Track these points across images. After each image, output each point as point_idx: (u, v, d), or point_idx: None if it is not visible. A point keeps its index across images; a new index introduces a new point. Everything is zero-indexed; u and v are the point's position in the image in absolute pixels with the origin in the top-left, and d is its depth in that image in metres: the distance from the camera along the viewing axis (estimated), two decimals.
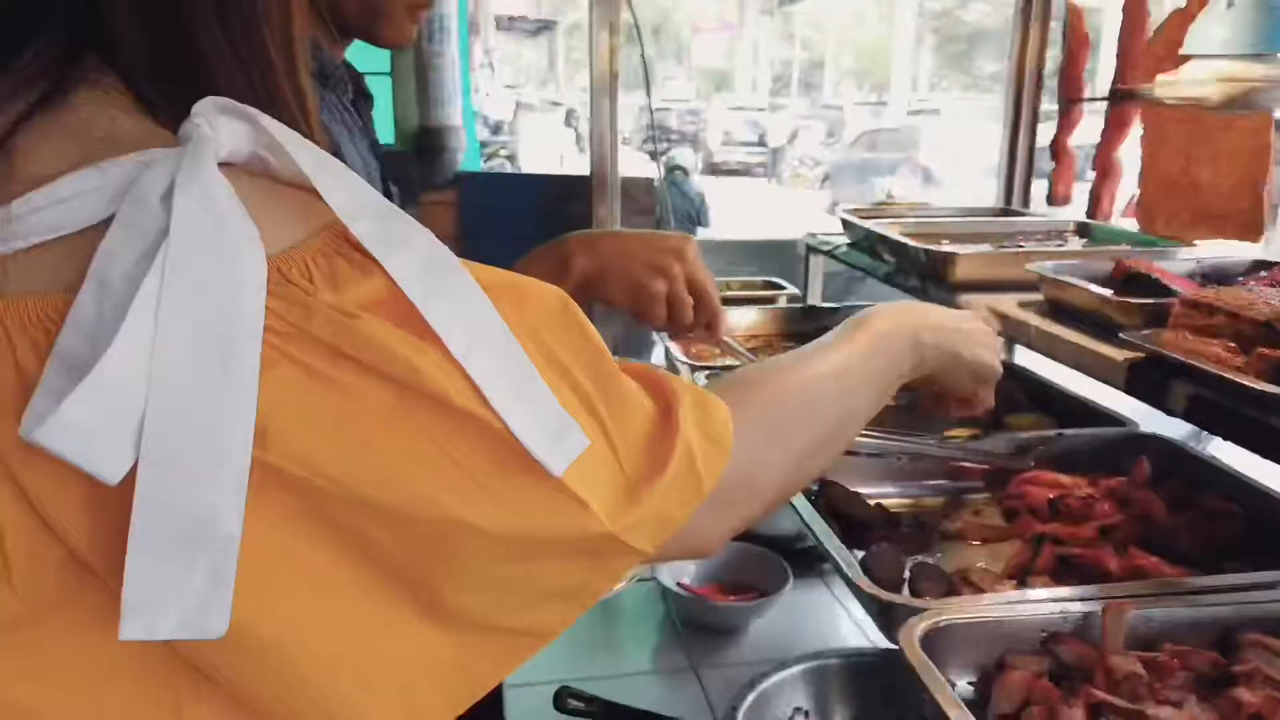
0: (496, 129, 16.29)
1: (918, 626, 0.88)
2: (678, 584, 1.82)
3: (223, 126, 0.44)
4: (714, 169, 20.63)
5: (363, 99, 1.47)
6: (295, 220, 0.46)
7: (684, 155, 10.72)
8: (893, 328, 0.86)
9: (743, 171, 21.20)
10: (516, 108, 18.02)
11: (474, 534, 0.45)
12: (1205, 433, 1.38)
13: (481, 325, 0.46)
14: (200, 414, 0.40)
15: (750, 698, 1.45)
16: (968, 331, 0.96)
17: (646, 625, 1.87)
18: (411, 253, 0.46)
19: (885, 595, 0.96)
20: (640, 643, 1.82)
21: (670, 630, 1.84)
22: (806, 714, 1.57)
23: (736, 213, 12.52)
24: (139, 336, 0.39)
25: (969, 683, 0.93)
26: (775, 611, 1.82)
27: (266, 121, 0.45)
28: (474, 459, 0.45)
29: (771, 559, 1.90)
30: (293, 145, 0.45)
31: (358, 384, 0.43)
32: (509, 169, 13.21)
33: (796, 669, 1.52)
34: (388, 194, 1.47)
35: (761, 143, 21.75)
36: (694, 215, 9.48)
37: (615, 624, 1.91)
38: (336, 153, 1.29)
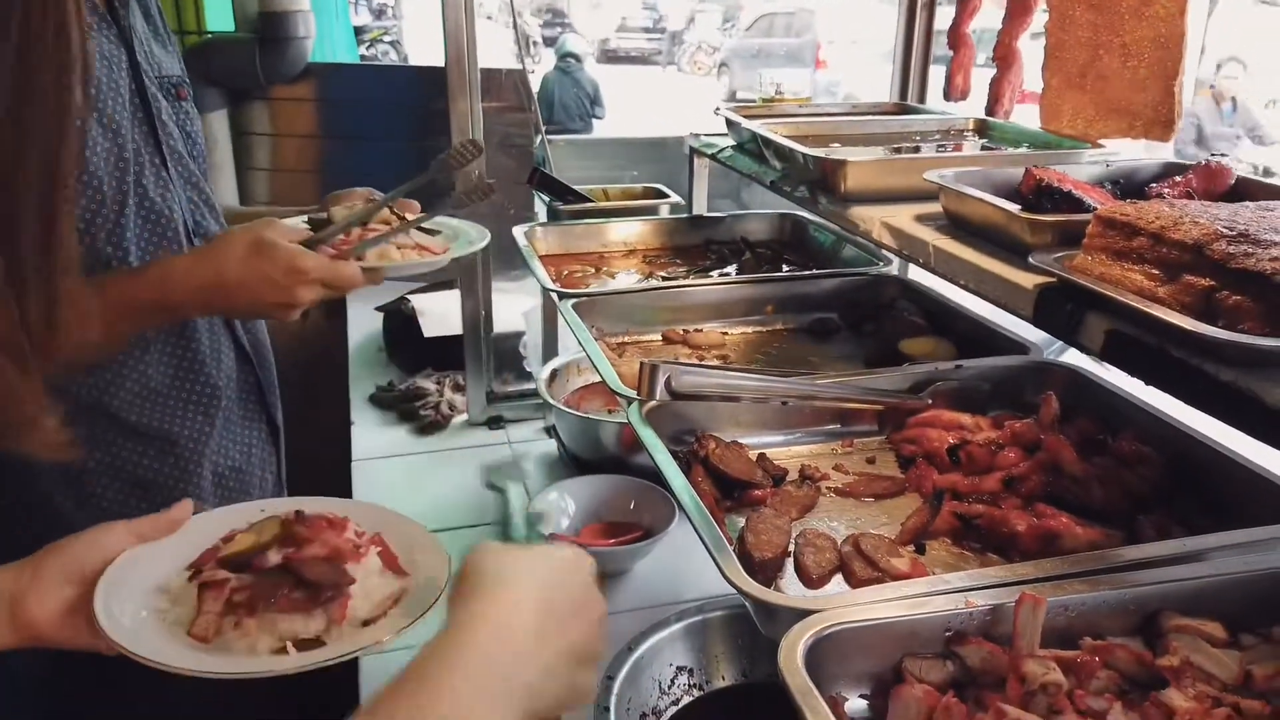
0: (380, 13, 15.31)
1: (801, 638, 0.73)
2: (551, 534, 1.67)
3: None
4: (610, 56, 19.95)
5: None
6: None
7: (577, 42, 10.18)
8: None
9: (640, 59, 20.57)
10: None
11: None
12: None
13: None
14: None
15: (628, 664, 1.33)
16: (576, 652, 0.72)
17: None
18: None
19: (762, 595, 0.81)
20: None
21: None
22: (690, 672, 1.46)
23: (633, 104, 12.10)
24: None
25: (861, 695, 0.79)
26: (661, 549, 1.69)
27: None
28: None
29: (656, 493, 1.76)
30: None
31: None
32: (393, 57, 12.39)
33: (677, 626, 1.39)
34: (141, 93, 1.24)
35: (658, 28, 21.08)
36: (588, 108, 9.09)
37: None
38: None
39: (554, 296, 1.66)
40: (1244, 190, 1.20)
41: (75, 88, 0.57)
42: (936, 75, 2.09)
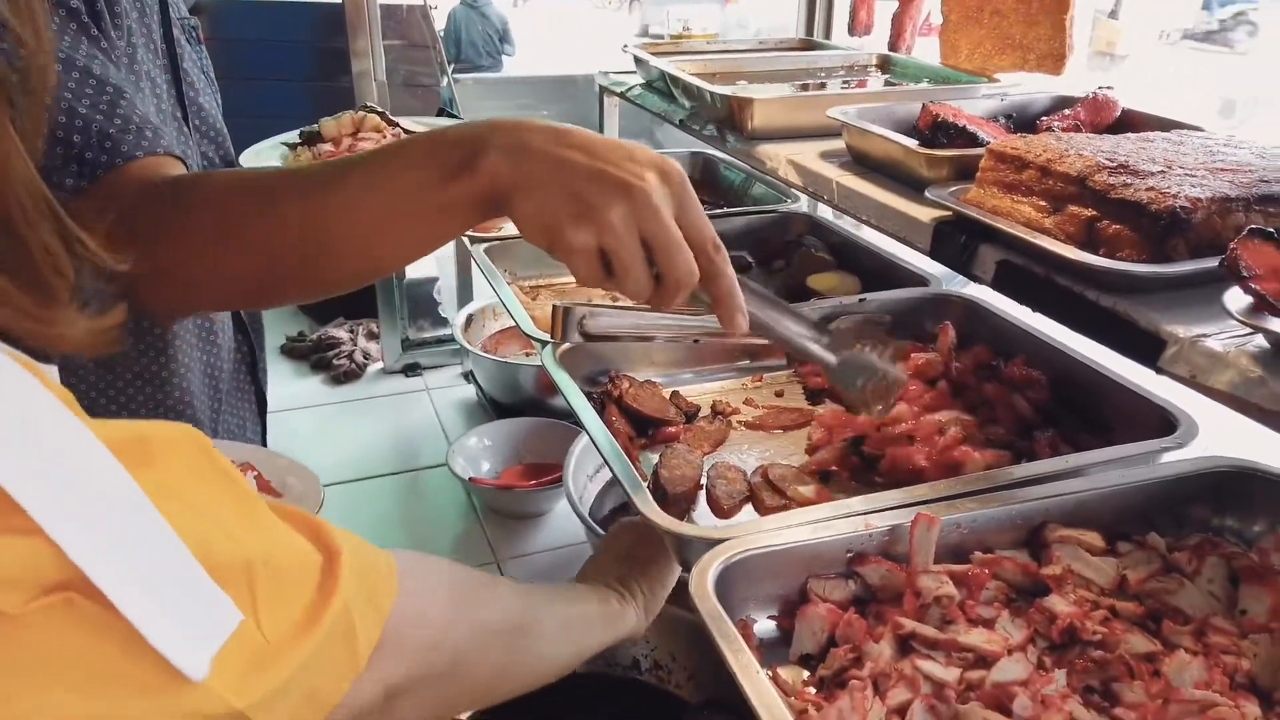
0: None
1: (711, 565, 0.76)
2: (470, 478, 1.68)
3: None
4: None
5: None
6: None
7: None
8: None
9: None
10: None
11: None
12: None
13: (102, 508, 0.39)
14: None
15: None
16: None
17: (447, 516, 1.73)
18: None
19: (675, 526, 0.83)
20: (442, 534, 1.69)
21: (472, 519, 1.72)
22: None
23: (545, 40, 11.81)
24: None
25: (770, 617, 0.83)
26: None
27: None
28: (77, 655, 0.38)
29: (574, 434, 1.78)
30: None
31: None
32: None
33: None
34: (168, 40, 1.05)
35: None
36: (497, 45, 8.86)
37: (415, 510, 1.77)
38: None
39: (465, 241, 1.65)
40: (1129, 121, 1.25)
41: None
42: (842, 10, 2.10)
